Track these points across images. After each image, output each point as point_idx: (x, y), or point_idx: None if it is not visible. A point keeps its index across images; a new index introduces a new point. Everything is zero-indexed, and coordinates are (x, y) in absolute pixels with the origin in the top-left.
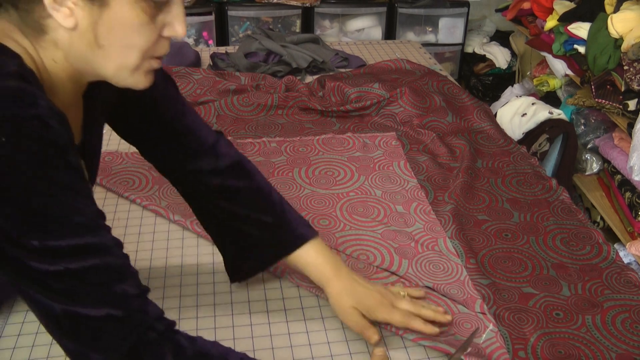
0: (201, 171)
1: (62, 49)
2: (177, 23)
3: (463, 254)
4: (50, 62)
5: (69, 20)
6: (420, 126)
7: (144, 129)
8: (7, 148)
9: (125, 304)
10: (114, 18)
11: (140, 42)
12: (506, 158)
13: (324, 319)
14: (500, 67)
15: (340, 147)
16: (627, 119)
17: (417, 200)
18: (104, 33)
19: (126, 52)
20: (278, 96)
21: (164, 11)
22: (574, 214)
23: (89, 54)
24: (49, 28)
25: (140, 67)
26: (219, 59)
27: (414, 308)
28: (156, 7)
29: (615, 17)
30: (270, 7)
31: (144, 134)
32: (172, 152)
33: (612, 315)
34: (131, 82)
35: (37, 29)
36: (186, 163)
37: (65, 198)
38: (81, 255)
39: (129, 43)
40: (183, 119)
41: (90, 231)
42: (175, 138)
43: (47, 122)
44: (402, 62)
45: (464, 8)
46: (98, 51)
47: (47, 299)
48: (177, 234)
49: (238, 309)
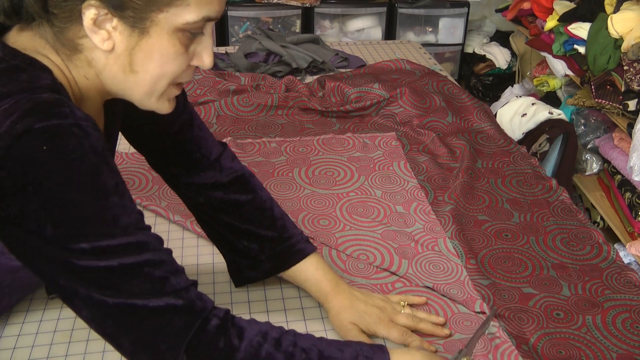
0: (204, 184)
1: (95, 67)
2: (206, 54)
3: (463, 254)
4: (82, 79)
5: (106, 43)
6: (420, 126)
7: (151, 140)
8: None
9: (184, 293)
10: (152, 46)
11: (172, 70)
12: (506, 158)
13: (323, 319)
14: (500, 67)
15: (340, 148)
16: (627, 119)
17: (417, 200)
18: (139, 59)
19: (157, 79)
20: (278, 96)
21: (195, 41)
22: (574, 214)
23: (121, 77)
24: (84, 47)
25: (165, 94)
26: (219, 59)
27: (413, 323)
28: (191, 38)
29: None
30: (270, 7)
31: (150, 144)
32: (177, 164)
33: (612, 315)
34: (155, 107)
35: (71, 48)
36: (190, 176)
37: (112, 201)
38: (133, 252)
39: (162, 71)
40: (189, 131)
41: (138, 229)
42: (180, 150)
43: (86, 129)
44: (402, 62)
45: (464, 8)
46: (131, 75)
47: (99, 295)
48: (177, 234)
49: (238, 309)
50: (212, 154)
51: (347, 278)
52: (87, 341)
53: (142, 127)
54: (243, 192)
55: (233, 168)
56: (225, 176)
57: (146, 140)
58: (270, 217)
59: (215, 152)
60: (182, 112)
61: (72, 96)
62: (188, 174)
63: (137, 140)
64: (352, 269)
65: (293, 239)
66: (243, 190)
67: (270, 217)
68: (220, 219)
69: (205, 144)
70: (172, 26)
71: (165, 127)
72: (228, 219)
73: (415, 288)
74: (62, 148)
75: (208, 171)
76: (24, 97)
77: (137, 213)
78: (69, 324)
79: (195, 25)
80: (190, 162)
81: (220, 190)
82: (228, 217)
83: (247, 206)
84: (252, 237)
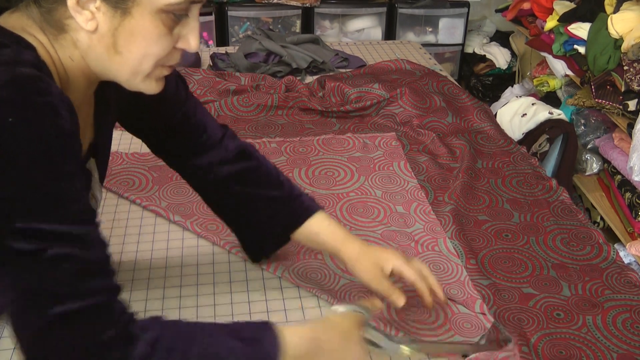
0: (212, 162)
1: (80, 48)
2: (192, 37)
3: (463, 254)
4: (67, 60)
5: (90, 23)
6: (420, 126)
7: (155, 127)
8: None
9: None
10: (135, 27)
11: (156, 51)
12: (506, 158)
13: None
14: (500, 68)
15: (340, 148)
16: (627, 119)
17: (417, 200)
18: (123, 40)
19: (142, 60)
20: (278, 96)
21: (181, 24)
22: (574, 214)
23: (106, 57)
24: (70, 28)
25: (152, 74)
26: (219, 59)
27: (425, 270)
28: (175, 20)
29: (615, 17)
30: (270, 7)
31: (154, 131)
32: (182, 148)
33: (612, 315)
34: (143, 88)
35: (58, 27)
36: (196, 158)
37: (63, 184)
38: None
39: (146, 52)
40: (193, 117)
41: (78, 222)
42: (185, 136)
43: (58, 109)
44: (402, 62)
45: (464, 8)
46: (115, 56)
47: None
48: (177, 234)
49: (238, 309)
50: (217, 134)
51: (347, 278)
52: None
53: (142, 117)
54: (247, 160)
55: (236, 144)
56: (231, 152)
57: (148, 129)
58: (277, 179)
59: (220, 133)
60: (184, 103)
61: (57, 76)
62: (195, 156)
63: (139, 129)
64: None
65: (302, 197)
66: (249, 160)
67: (277, 180)
68: (231, 189)
69: (209, 127)
70: (154, 7)
71: (167, 117)
72: (239, 188)
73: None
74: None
75: (214, 150)
76: (4, 69)
77: (86, 206)
78: None
79: (179, 7)
80: (196, 145)
81: (227, 165)
82: (239, 185)
83: (255, 172)
84: (264, 200)
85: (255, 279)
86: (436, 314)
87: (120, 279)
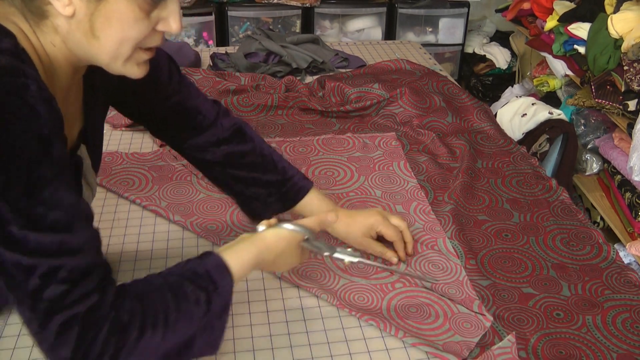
0: (208, 142)
1: (60, 34)
2: (172, 19)
3: (463, 254)
4: (49, 46)
5: (67, 9)
6: (420, 126)
7: (150, 110)
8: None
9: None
10: (110, 11)
11: (133, 35)
12: (506, 158)
13: (323, 319)
14: (500, 68)
15: (340, 148)
16: (627, 119)
17: (417, 200)
18: (99, 24)
19: (119, 44)
20: (278, 96)
21: (159, 7)
22: (574, 214)
23: (85, 42)
24: (50, 14)
25: (132, 58)
26: (219, 59)
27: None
28: (152, 4)
29: (615, 17)
30: (270, 7)
31: (149, 114)
32: (178, 129)
33: (612, 315)
34: (125, 71)
35: (38, 14)
36: (192, 138)
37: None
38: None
39: (123, 36)
40: (187, 100)
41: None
42: (180, 118)
43: (36, 108)
44: (402, 62)
45: (464, 8)
46: (93, 41)
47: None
48: (177, 234)
49: (238, 309)
50: (211, 114)
51: (347, 278)
52: None
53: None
54: (243, 142)
55: (230, 122)
56: (226, 131)
57: (144, 113)
58: (271, 162)
59: (213, 112)
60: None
61: (40, 63)
62: (191, 136)
63: (135, 114)
64: (351, 268)
65: (295, 178)
66: (243, 141)
67: (271, 162)
68: (228, 172)
69: (204, 108)
70: None
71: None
72: (236, 172)
73: (415, 288)
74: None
75: (210, 129)
76: None
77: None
78: None
79: None
80: (192, 126)
81: (224, 144)
82: (235, 169)
83: (250, 155)
84: (259, 184)
85: (255, 279)
86: (436, 314)
87: (119, 279)
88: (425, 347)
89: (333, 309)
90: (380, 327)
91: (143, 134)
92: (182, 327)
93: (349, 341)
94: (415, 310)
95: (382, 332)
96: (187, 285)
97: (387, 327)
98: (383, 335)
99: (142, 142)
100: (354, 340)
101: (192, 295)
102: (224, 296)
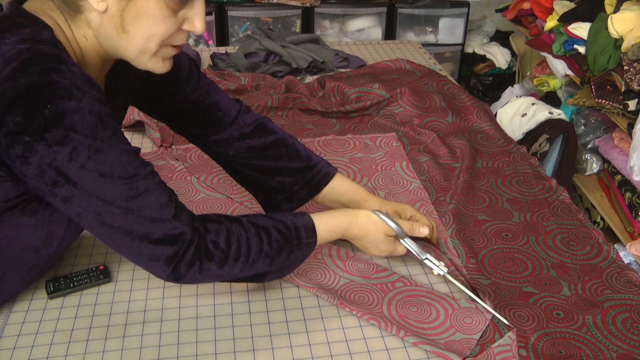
0: (231, 137)
1: (93, 28)
2: (197, 20)
3: (463, 253)
4: (82, 39)
5: (100, 4)
6: (421, 126)
7: (171, 108)
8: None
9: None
10: (140, 7)
11: (160, 31)
12: (506, 158)
13: (323, 319)
14: (500, 68)
15: (341, 149)
16: (627, 119)
17: (420, 200)
18: (129, 20)
19: (147, 39)
20: (278, 97)
21: (186, 7)
22: (574, 214)
23: (115, 36)
24: (84, 8)
25: (158, 53)
26: (219, 59)
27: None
28: (180, 3)
29: (615, 17)
30: (270, 7)
31: (171, 112)
32: (200, 126)
33: (612, 315)
34: (150, 66)
35: (74, 8)
36: (214, 135)
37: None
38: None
39: (151, 32)
40: (208, 97)
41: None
42: (202, 114)
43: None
44: (402, 62)
45: (464, 8)
46: (123, 35)
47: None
48: None
49: (238, 309)
50: (232, 111)
51: (347, 277)
52: (86, 341)
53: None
54: (267, 135)
55: (252, 118)
56: (248, 126)
57: (166, 110)
58: (295, 150)
59: (234, 109)
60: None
61: (73, 55)
62: (214, 132)
63: (159, 110)
64: (351, 268)
65: (319, 165)
66: (266, 134)
67: (295, 151)
68: (254, 164)
69: (224, 105)
70: None
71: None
72: (261, 162)
73: (415, 287)
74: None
75: (232, 126)
76: (25, 47)
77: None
78: (69, 324)
79: None
80: (213, 123)
81: (247, 139)
82: (260, 160)
83: (274, 146)
84: (285, 172)
85: None
86: (437, 313)
87: (120, 279)
88: (426, 347)
89: (333, 309)
90: (381, 327)
91: (143, 134)
92: (259, 266)
93: (349, 341)
94: (416, 309)
95: (382, 332)
96: (274, 233)
97: (388, 327)
98: (383, 335)
99: (142, 142)
100: (354, 340)
101: (276, 243)
102: (304, 251)
